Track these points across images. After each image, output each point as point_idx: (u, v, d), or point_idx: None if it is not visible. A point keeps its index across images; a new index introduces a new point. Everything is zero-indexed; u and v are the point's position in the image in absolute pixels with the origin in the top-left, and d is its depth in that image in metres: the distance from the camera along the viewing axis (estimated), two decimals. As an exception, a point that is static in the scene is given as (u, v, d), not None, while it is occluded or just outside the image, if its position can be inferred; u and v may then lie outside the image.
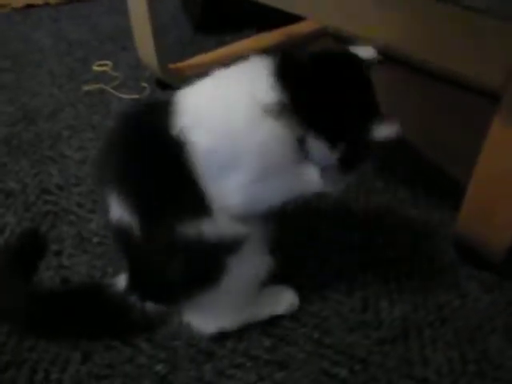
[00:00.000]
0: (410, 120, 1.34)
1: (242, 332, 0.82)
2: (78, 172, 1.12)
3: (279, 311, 0.84)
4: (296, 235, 0.97)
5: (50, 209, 1.03)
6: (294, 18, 1.71)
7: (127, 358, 0.78)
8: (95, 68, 1.50)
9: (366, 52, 0.76)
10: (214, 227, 0.68)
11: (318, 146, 0.69)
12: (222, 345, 0.81)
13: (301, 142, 0.68)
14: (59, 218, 1.01)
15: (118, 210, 0.69)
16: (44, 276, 0.89)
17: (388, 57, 1.58)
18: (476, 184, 0.87)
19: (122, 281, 0.81)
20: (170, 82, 1.42)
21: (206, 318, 0.79)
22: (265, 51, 0.75)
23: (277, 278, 0.80)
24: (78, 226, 0.99)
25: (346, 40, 1.61)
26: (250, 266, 0.75)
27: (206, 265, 0.72)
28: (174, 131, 0.67)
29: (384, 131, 0.71)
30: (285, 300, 0.85)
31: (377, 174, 1.17)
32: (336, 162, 0.71)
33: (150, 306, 0.78)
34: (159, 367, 0.77)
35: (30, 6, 1.90)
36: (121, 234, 0.71)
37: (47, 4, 1.93)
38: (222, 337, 0.81)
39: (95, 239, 0.96)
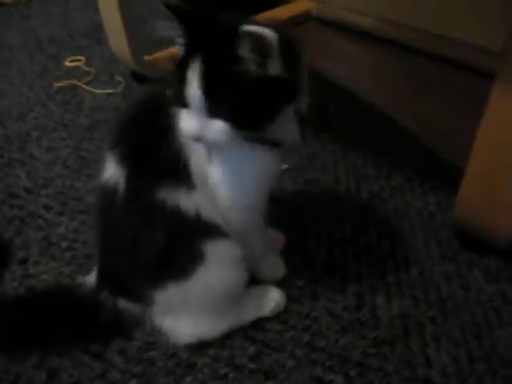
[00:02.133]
0: (399, 103, 1.28)
1: (223, 338, 0.74)
2: (46, 173, 1.04)
3: (264, 313, 0.77)
4: (281, 229, 0.90)
5: (16, 214, 0.95)
6: (273, 4, 1.66)
7: (98, 374, 0.71)
8: (67, 64, 1.42)
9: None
10: (194, 202, 0.67)
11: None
12: (203, 353, 0.73)
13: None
14: (26, 223, 0.93)
15: (111, 169, 0.68)
16: (8, 287, 0.82)
17: (377, 38, 1.54)
18: (475, 161, 0.80)
19: (91, 278, 0.75)
20: (147, 75, 1.35)
21: (181, 325, 0.72)
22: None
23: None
24: (45, 231, 0.92)
25: (329, 23, 1.55)
26: (224, 274, 0.70)
27: (180, 244, 0.67)
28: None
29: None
30: (270, 300, 0.78)
31: (367, 161, 1.10)
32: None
33: (121, 303, 0.72)
34: (133, 382, 0.70)
35: (0, 5, 1.81)
36: (105, 195, 0.69)
37: (19, 2, 1.85)
38: (202, 344, 0.73)
39: (64, 244, 0.89)
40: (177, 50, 1.53)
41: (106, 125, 1.18)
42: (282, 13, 1.64)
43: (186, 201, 0.67)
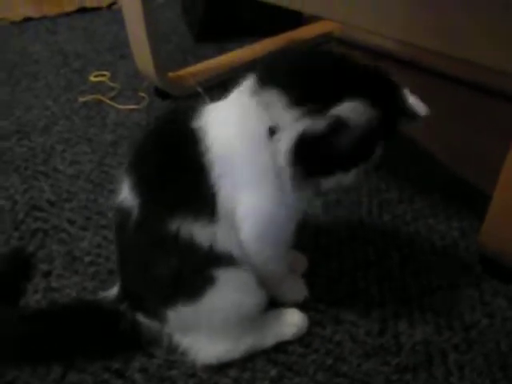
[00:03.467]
0: (424, 127, 1.28)
1: (245, 360, 0.74)
2: (70, 187, 1.05)
3: (286, 336, 0.76)
4: (304, 251, 0.89)
5: (40, 226, 0.96)
6: (294, 25, 1.67)
7: (119, 392, 0.70)
8: (92, 79, 1.44)
9: None
10: (212, 235, 0.66)
11: None
12: (224, 374, 0.73)
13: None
14: (49, 236, 0.94)
15: (126, 191, 0.68)
16: (31, 300, 0.82)
17: (395, 59, 1.54)
18: (503, 187, 0.79)
19: (114, 291, 0.76)
20: (170, 92, 1.36)
21: (198, 345, 0.72)
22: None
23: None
24: (68, 245, 0.92)
25: (351, 44, 1.55)
26: (235, 298, 0.70)
27: (190, 271, 0.66)
28: (196, 126, 0.66)
29: None
30: (292, 323, 0.77)
31: (390, 184, 1.10)
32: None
33: (140, 317, 0.72)
34: (154, 401, 0.69)
35: (27, 19, 1.85)
36: (120, 216, 0.69)
37: (45, 17, 1.88)
38: (223, 365, 0.73)
39: (87, 258, 0.89)
40: (200, 67, 1.53)
41: (129, 141, 1.19)
42: (304, 33, 1.65)
43: (203, 232, 0.65)
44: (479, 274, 0.90)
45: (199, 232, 0.65)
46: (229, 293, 0.68)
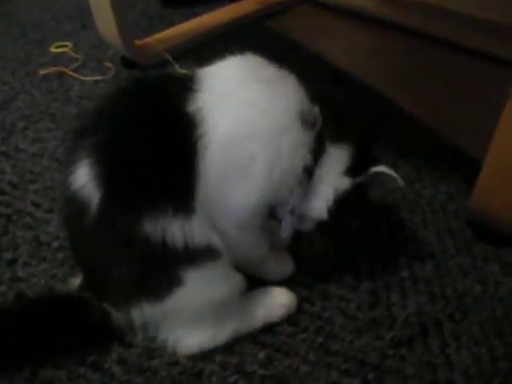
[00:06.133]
0: (401, 88, 1.23)
1: (231, 344, 0.69)
2: (33, 167, 0.98)
3: (274, 318, 0.72)
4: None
5: (2, 211, 0.88)
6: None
7: (96, 387, 0.65)
8: (53, 50, 1.34)
9: None
10: (187, 230, 0.59)
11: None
12: (210, 360, 0.68)
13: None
14: (12, 221, 0.87)
15: (85, 179, 0.59)
16: (-5, 292, 0.76)
17: (376, 20, 1.48)
18: (495, 150, 0.75)
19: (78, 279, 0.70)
20: (138, 61, 1.28)
21: (177, 336, 0.66)
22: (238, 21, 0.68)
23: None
24: (34, 230, 0.85)
25: (326, 5, 1.48)
26: (205, 292, 0.64)
27: (156, 271, 0.60)
28: (189, 109, 0.60)
29: None
30: (281, 304, 0.72)
31: (371, 149, 1.04)
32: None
33: (106, 306, 0.66)
34: (135, 395, 0.64)
35: (-21, -11, 1.72)
36: (75, 206, 0.60)
37: (-1, -15, 1.75)
38: (208, 351, 0.68)
39: (55, 244, 0.82)
40: (168, 34, 1.45)
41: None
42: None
43: (178, 229, 0.59)
44: (469, 239, 0.87)
45: (174, 229, 0.59)
46: (197, 290, 0.63)
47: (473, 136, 1.05)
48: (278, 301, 0.72)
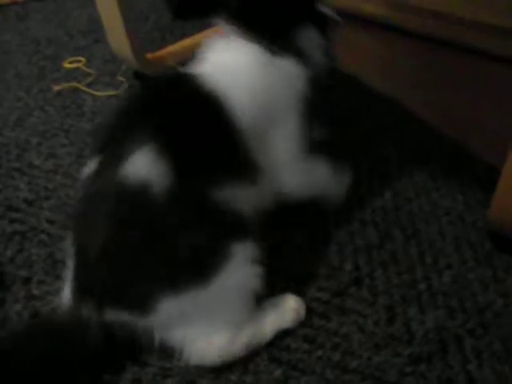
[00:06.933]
0: (411, 92, 1.22)
1: (246, 361, 0.68)
2: (48, 183, 0.98)
3: (286, 323, 0.71)
4: (300, 237, 0.83)
5: (17, 229, 0.89)
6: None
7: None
8: (66, 65, 1.36)
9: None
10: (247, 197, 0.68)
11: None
12: (225, 379, 0.67)
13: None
14: (27, 238, 0.87)
15: (144, 162, 0.61)
16: (10, 311, 0.76)
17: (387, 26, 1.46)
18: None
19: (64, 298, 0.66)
20: (150, 74, 1.28)
21: (197, 339, 0.65)
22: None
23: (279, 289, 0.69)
24: (49, 247, 0.85)
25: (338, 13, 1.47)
26: (241, 273, 0.65)
27: (211, 246, 0.63)
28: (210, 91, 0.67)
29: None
30: (289, 308, 0.72)
31: (388, 158, 1.03)
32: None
33: (110, 314, 0.62)
34: (151, 414, 0.64)
35: (-4, 6, 1.75)
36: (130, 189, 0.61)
37: (15, 2, 1.78)
38: (224, 368, 0.67)
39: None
40: (179, 47, 1.45)
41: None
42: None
43: (239, 197, 0.66)
44: (489, 249, 0.85)
45: (236, 197, 0.65)
46: (241, 267, 0.64)
47: (490, 143, 1.03)
48: (287, 305, 0.72)
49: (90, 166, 0.66)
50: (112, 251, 0.61)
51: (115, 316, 0.62)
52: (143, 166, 0.61)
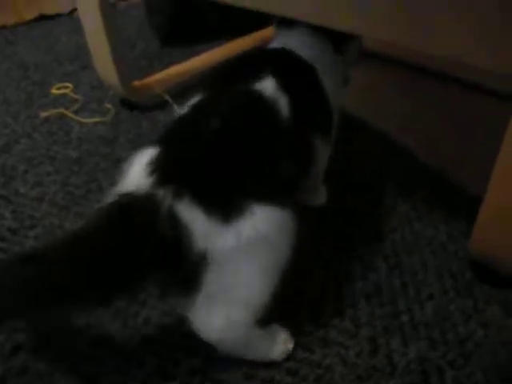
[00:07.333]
0: (394, 121, 1.24)
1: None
2: (33, 212, 0.98)
3: (273, 356, 0.72)
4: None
5: (1, 258, 0.89)
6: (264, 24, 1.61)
7: None
8: (54, 91, 1.37)
9: None
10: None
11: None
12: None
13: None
14: (11, 268, 0.87)
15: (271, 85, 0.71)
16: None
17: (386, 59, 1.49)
18: (494, 188, 0.74)
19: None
20: (137, 101, 1.29)
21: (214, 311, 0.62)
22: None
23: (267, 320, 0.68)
24: (33, 277, 0.85)
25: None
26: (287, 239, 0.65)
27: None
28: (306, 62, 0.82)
29: None
30: (279, 344, 0.72)
31: (369, 186, 1.05)
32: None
33: (184, 206, 0.56)
34: None
35: (-16, 31, 1.76)
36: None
37: (3, 27, 1.79)
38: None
39: (53, 291, 0.82)
40: (166, 74, 1.46)
41: (94, 156, 1.12)
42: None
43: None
44: (470, 279, 0.86)
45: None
46: (290, 234, 0.65)
47: (474, 173, 1.05)
48: (277, 338, 0.72)
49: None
50: (220, 144, 0.62)
51: (188, 210, 0.57)
52: (273, 88, 0.70)
